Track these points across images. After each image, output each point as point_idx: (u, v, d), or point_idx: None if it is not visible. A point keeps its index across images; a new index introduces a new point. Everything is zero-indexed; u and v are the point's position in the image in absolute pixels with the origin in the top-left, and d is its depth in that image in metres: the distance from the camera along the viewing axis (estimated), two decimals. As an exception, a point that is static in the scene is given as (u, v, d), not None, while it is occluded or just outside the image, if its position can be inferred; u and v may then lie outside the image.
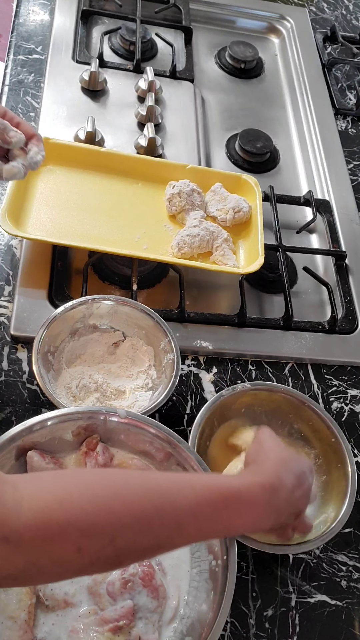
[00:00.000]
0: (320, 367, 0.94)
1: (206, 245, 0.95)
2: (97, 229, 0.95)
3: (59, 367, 0.81)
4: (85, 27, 1.26)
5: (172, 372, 0.78)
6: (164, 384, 0.79)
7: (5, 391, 0.80)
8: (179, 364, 0.79)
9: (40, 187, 0.97)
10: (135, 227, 0.97)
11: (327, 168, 1.19)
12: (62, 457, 0.69)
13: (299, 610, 0.73)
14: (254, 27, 1.45)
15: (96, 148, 1.02)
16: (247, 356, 0.92)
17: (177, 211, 1.00)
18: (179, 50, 1.30)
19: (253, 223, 1.00)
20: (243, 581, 0.73)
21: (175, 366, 0.79)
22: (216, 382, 0.89)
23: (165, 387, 0.78)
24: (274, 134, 1.23)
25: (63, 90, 1.15)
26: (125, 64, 1.24)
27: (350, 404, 0.92)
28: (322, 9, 1.54)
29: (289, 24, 1.45)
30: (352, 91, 1.38)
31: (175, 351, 0.80)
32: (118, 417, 0.68)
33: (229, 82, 1.33)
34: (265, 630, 0.71)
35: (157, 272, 0.98)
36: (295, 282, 1.05)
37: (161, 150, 1.11)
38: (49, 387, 0.74)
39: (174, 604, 0.63)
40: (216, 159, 1.18)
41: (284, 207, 1.11)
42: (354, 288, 1.03)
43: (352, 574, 0.77)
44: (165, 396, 0.76)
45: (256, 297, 1.01)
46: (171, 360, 0.80)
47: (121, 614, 0.60)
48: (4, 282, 0.90)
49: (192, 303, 0.95)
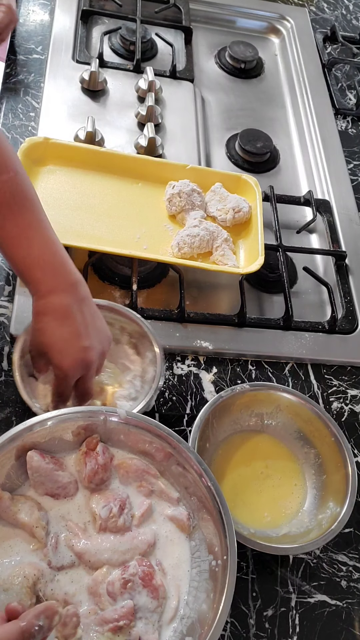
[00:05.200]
0: (320, 367, 0.94)
1: (206, 245, 0.95)
2: (97, 229, 0.95)
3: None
4: (85, 27, 1.26)
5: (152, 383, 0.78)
6: (145, 393, 0.78)
7: (5, 391, 0.81)
8: (162, 365, 0.78)
9: (40, 187, 0.97)
10: (135, 227, 0.97)
11: (327, 168, 1.19)
12: (62, 457, 0.69)
13: (299, 610, 0.73)
14: (254, 27, 1.45)
15: (96, 148, 1.02)
16: (247, 356, 0.92)
17: (177, 211, 1.00)
18: (179, 50, 1.30)
19: (253, 223, 1.00)
20: (243, 581, 0.73)
21: (156, 377, 0.78)
22: (216, 382, 0.89)
23: (144, 396, 0.77)
24: (274, 134, 1.23)
25: (63, 90, 1.15)
26: (125, 64, 1.24)
27: (350, 404, 0.92)
28: (322, 9, 1.54)
29: (289, 24, 1.45)
30: (352, 91, 1.38)
31: (159, 363, 0.78)
32: (118, 417, 0.68)
33: (229, 82, 1.33)
34: (265, 630, 0.71)
35: (157, 272, 0.98)
36: (295, 282, 1.05)
37: (161, 150, 1.11)
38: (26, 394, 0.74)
39: (174, 604, 0.63)
40: (216, 159, 1.18)
41: (284, 207, 1.11)
42: (354, 288, 1.03)
43: (352, 574, 0.77)
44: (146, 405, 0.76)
45: (256, 297, 1.01)
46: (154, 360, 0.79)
47: (121, 614, 0.60)
48: (3, 282, 0.90)
49: (192, 303, 0.95)
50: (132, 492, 0.69)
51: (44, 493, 0.66)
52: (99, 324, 0.73)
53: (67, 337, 0.69)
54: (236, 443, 0.81)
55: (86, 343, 0.69)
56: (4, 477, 0.65)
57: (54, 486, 0.66)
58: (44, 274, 0.69)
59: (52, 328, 0.69)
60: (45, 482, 0.66)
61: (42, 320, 0.69)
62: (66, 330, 0.69)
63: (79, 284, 0.71)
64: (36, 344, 0.72)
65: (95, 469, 0.67)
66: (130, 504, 0.68)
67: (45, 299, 0.69)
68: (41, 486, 0.66)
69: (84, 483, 0.68)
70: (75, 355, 0.69)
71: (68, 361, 0.69)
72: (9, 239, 0.69)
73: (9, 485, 0.66)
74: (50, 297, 0.69)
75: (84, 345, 0.69)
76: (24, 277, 0.70)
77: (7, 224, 0.68)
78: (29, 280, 0.70)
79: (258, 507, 0.77)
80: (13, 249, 0.69)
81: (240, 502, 0.77)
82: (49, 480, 0.66)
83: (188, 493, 0.68)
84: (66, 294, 0.70)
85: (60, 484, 0.66)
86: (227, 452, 0.80)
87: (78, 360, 0.69)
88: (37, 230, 0.70)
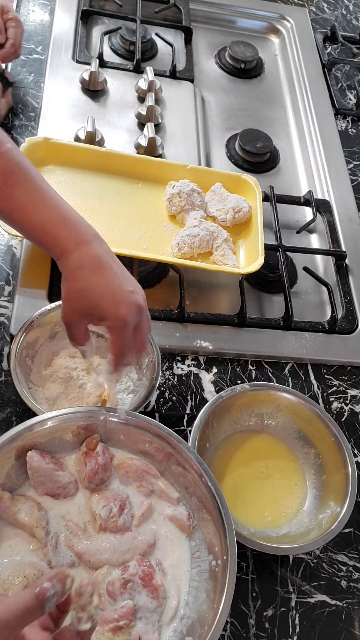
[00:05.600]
0: (320, 367, 0.94)
1: (206, 245, 0.95)
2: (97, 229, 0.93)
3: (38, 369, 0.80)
4: (85, 27, 1.26)
5: (153, 374, 0.78)
6: (144, 386, 0.78)
7: (5, 391, 0.81)
8: (159, 366, 0.78)
9: (40, 187, 0.97)
10: (135, 227, 0.97)
11: (327, 168, 1.19)
12: (62, 457, 0.69)
13: (299, 610, 0.73)
14: (254, 27, 1.45)
15: (96, 148, 1.02)
16: (247, 356, 0.92)
17: (177, 211, 1.00)
18: (179, 50, 1.30)
19: (253, 223, 1.00)
20: (243, 581, 0.73)
21: (156, 368, 0.78)
22: (216, 382, 0.89)
23: (145, 389, 0.77)
24: (274, 134, 1.23)
25: (63, 91, 1.15)
26: (125, 64, 1.24)
27: (350, 404, 0.92)
28: (322, 9, 1.54)
29: (289, 24, 1.45)
30: (352, 91, 1.38)
31: (156, 352, 0.79)
32: (118, 417, 0.68)
33: (229, 82, 1.33)
34: (265, 630, 0.71)
35: (157, 272, 0.98)
36: (295, 282, 1.05)
37: (161, 150, 1.11)
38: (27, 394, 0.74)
39: (174, 604, 0.63)
40: (216, 159, 1.18)
41: (284, 207, 1.11)
42: (354, 288, 1.03)
43: (352, 574, 0.77)
44: (145, 398, 0.76)
45: (256, 297, 1.01)
46: (152, 363, 0.79)
47: (121, 614, 0.60)
48: (4, 282, 0.90)
49: (192, 303, 0.95)
50: (132, 492, 0.69)
51: (44, 493, 0.66)
52: (128, 272, 0.70)
53: (114, 286, 0.66)
54: (236, 443, 0.81)
55: (130, 287, 0.68)
56: (4, 477, 0.65)
57: (54, 486, 0.66)
58: (69, 229, 0.67)
59: (95, 279, 0.66)
60: (45, 482, 0.66)
61: (81, 275, 0.66)
62: (109, 279, 0.66)
63: (99, 236, 0.70)
64: (79, 303, 0.67)
65: (95, 469, 0.67)
66: (130, 504, 0.68)
67: (77, 252, 0.66)
68: (41, 486, 0.66)
69: (84, 483, 0.68)
70: (128, 300, 0.66)
71: (124, 308, 0.66)
72: (22, 205, 0.67)
73: (9, 485, 0.66)
74: (82, 249, 0.67)
75: (130, 289, 0.67)
76: (46, 239, 0.68)
77: (17, 191, 0.67)
78: (53, 240, 0.67)
79: (258, 507, 0.77)
80: (29, 215, 0.67)
81: (240, 502, 0.77)
82: (49, 480, 0.66)
83: (188, 493, 0.68)
84: (94, 244, 0.68)
85: (60, 484, 0.66)
86: (227, 452, 0.80)
87: (133, 305, 0.66)
88: (47, 193, 0.69)
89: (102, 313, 0.66)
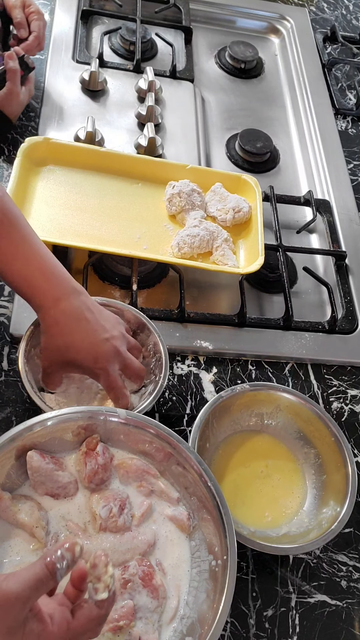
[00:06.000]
0: (320, 367, 0.94)
1: (206, 245, 0.95)
2: (97, 229, 0.95)
3: None
4: (85, 27, 1.26)
5: (161, 372, 0.78)
6: (153, 383, 0.79)
7: (5, 391, 0.81)
8: (167, 363, 0.78)
9: (40, 187, 0.97)
10: (135, 227, 0.97)
11: (327, 168, 1.19)
12: (62, 457, 0.69)
13: (299, 610, 0.73)
14: (254, 27, 1.45)
15: (96, 148, 1.02)
16: (247, 356, 0.92)
17: (177, 211, 1.00)
18: (179, 50, 1.30)
19: (253, 223, 1.00)
20: (243, 581, 0.73)
21: (164, 366, 0.78)
22: (216, 382, 0.89)
23: (155, 386, 0.77)
24: (274, 134, 1.23)
25: (63, 90, 1.15)
26: (125, 64, 1.24)
27: (350, 404, 0.92)
28: (322, 9, 1.54)
29: (289, 24, 1.45)
30: (352, 91, 1.38)
31: (164, 351, 0.79)
32: (118, 417, 0.68)
33: (229, 82, 1.33)
34: (265, 630, 0.71)
35: (157, 272, 0.98)
36: (295, 282, 1.05)
37: (161, 150, 1.11)
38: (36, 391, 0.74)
39: (174, 604, 0.63)
40: (216, 159, 1.18)
41: (284, 207, 1.11)
42: (354, 288, 1.03)
43: (352, 574, 0.77)
44: (156, 395, 0.76)
45: (256, 297, 1.01)
46: (160, 362, 0.79)
47: (121, 614, 0.60)
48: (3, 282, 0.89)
49: (192, 303, 0.95)
50: (132, 492, 0.69)
51: (44, 493, 0.66)
52: (105, 313, 0.74)
53: (90, 339, 0.70)
54: (236, 443, 0.81)
55: (107, 335, 0.71)
56: (4, 477, 0.65)
57: (54, 486, 0.66)
58: (49, 284, 0.70)
59: (71, 336, 0.70)
60: (45, 482, 0.66)
61: (58, 332, 0.70)
62: (85, 334, 0.70)
63: (78, 287, 0.73)
64: (58, 358, 0.72)
65: (95, 469, 0.67)
66: (130, 504, 0.68)
67: (56, 307, 0.70)
68: (41, 486, 0.66)
69: (84, 483, 0.68)
70: (104, 349, 0.70)
71: (102, 359, 0.70)
72: (6, 256, 0.70)
73: (9, 485, 0.66)
74: (59, 306, 0.70)
75: (105, 337, 0.71)
76: (27, 291, 0.71)
77: (2, 242, 0.69)
78: (33, 292, 0.71)
79: (258, 507, 0.77)
80: (11, 265, 0.70)
81: (240, 502, 0.77)
82: (49, 480, 0.66)
83: (188, 493, 0.68)
84: (72, 297, 0.71)
85: (60, 484, 0.66)
86: (227, 452, 0.80)
87: (109, 353, 0.71)
88: (32, 244, 0.71)
89: (80, 366, 0.72)
